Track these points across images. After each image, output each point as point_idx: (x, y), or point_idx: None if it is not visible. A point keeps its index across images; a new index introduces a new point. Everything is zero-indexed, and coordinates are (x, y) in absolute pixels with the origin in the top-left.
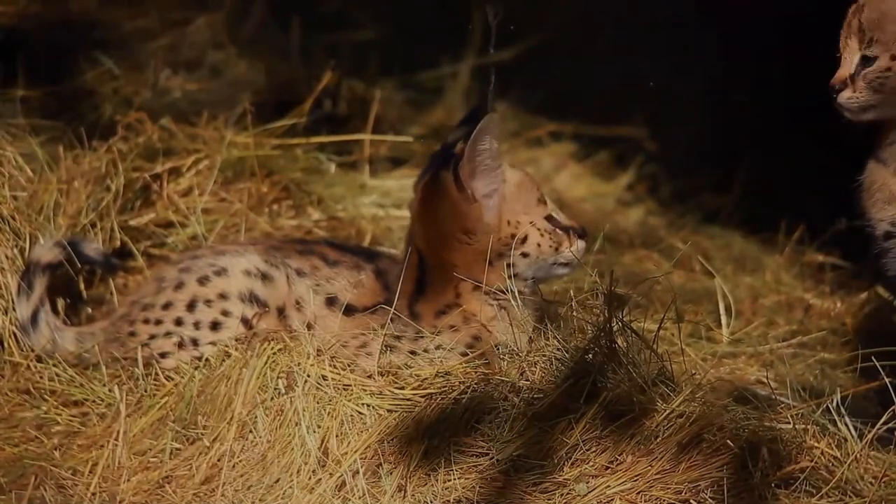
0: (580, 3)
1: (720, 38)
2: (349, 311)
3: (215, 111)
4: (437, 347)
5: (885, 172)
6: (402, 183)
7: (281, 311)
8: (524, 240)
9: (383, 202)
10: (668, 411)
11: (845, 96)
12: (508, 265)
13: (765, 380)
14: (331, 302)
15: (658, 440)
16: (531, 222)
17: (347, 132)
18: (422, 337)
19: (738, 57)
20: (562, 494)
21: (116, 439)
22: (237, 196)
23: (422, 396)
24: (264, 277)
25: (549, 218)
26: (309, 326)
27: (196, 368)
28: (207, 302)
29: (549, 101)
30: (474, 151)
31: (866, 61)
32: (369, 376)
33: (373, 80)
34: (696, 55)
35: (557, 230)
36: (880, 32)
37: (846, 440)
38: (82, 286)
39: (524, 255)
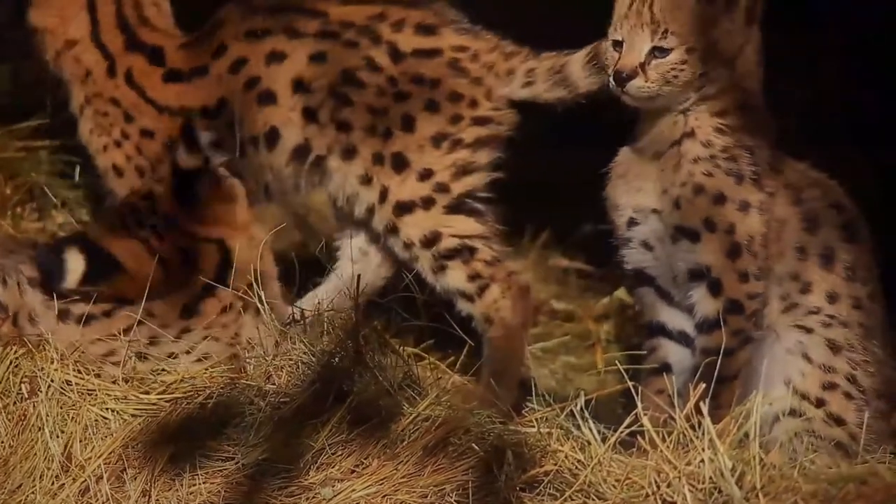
0: None
1: None
2: (89, 319)
3: None
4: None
5: (642, 160)
6: None
7: (15, 319)
8: None
9: None
10: (414, 415)
11: (636, 85)
12: None
13: None
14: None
15: (404, 444)
16: None
17: None
18: (176, 341)
19: None
20: (307, 498)
21: None
22: None
23: (167, 401)
24: (3, 282)
25: None
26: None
27: None
28: None
29: None
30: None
31: (660, 52)
32: (114, 381)
33: None
34: None
35: None
36: (675, 25)
37: (590, 443)
38: None
39: None
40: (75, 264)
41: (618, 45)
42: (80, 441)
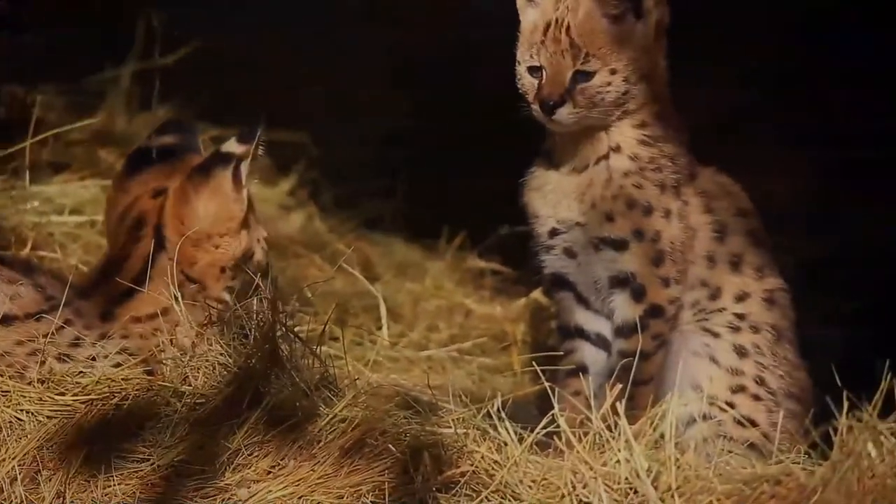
0: (243, 9)
1: (389, 41)
2: (7, 320)
3: None
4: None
5: (558, 174)
6: (64, 188)
7: None
8: (252, 255)
9: (44, 209)
10: (330, 416)
11: (566, 112)
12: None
13: (426, 385)
14: None
15: (321, 445)
16: (258, 238)
17: (8, 137)
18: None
19: (404, 60)
20: (223, 499)
21: None
22: None
23: (82, 403)
24: None
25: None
26: None
27: None
28: None
29: (211, 106)
30: (255, 155)
31: (584, 76)
32: (29, 383)
33: (33, 85)
34: (361, 59)
35: None
36: (594, 48)
37: (506, 444)
38: None
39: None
40: None
41: (535, 70)
42: None
